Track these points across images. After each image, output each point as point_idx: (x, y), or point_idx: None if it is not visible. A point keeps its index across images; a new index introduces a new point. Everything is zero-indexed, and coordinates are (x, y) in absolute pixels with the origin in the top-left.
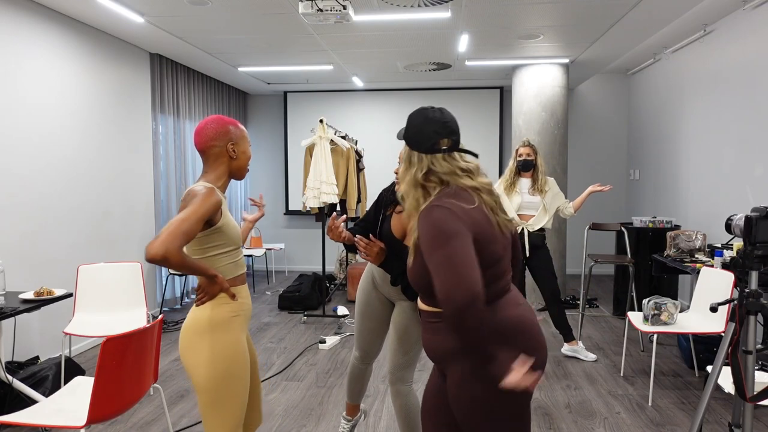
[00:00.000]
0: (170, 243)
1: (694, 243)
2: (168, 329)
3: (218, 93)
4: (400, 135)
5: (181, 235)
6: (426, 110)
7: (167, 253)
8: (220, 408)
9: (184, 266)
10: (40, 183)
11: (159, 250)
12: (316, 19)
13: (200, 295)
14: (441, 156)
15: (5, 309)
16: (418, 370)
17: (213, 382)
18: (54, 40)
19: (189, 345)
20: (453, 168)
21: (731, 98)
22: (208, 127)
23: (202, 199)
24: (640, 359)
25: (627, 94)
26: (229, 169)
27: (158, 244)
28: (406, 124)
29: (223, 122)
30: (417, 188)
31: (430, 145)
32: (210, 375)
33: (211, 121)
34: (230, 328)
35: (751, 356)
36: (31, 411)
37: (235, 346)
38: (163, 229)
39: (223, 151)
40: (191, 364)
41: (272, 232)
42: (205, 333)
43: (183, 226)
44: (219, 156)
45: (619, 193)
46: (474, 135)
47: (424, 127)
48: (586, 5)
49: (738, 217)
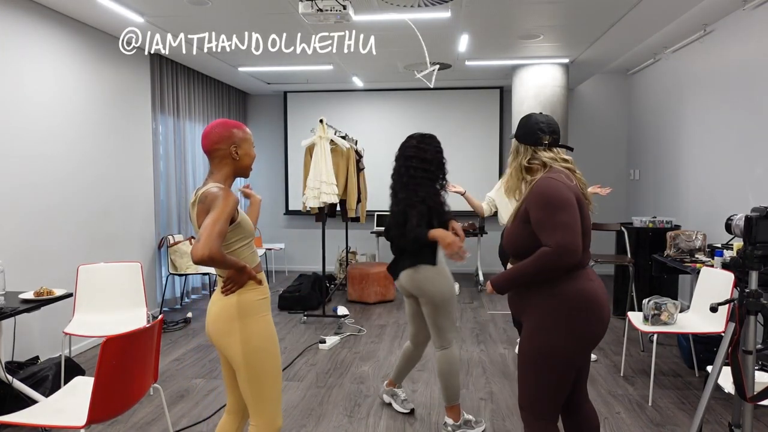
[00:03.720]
0: (212, 244)
1: (694, 243)
2: (168, 329)
3: (218, 93)
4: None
5: (217, 235)
6: (533, 114)
7: (212, 254)
8: (261, 382)
9: (225, 263)
10: (40, 183)
11: (205, 252)
12: (316, 19)
13: (229, 285)
14: (543, 148)
15: (5, 309)
16: (418, 370)
17: (250, 359)
18: (54, 40)
19: (223, 330)
20: (555, 156)
21: (731, 98)
22: (213, 131)
23: (225, 200)
24: (640, 359)
25: (627, 94)
26: (234, 170)
27: (202, 247)
28: (519, 125)
29: (227, 126)
30: (521, 172)
31: (534, 139)
32: (246, 353)
33: (216, 125)
34: (259, 310)
35: (751, 356)
36: (31, 411)
37: (266, 326)
38: (201, 233)
39: (227, 153)
40: (227, 346)
41: (272, 232)
42: (236, 317)
43: (217, 227)
44: (223, 158)
45: (619, 193)
46: (474, 135)
47: (530, 126)
48: (586, 5)
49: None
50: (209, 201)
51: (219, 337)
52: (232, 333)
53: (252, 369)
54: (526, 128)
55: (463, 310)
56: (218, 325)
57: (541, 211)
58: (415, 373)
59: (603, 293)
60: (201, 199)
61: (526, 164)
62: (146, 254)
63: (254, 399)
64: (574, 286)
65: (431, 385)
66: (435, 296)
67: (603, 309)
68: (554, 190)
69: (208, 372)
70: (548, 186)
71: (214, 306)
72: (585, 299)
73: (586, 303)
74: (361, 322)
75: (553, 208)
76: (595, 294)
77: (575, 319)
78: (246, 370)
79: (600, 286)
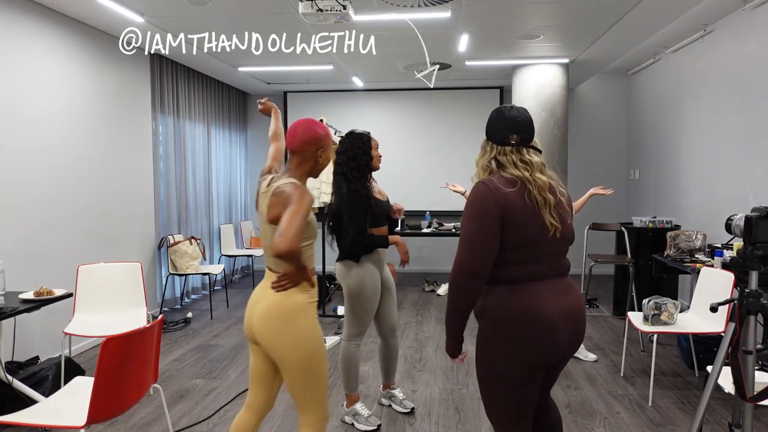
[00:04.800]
0: (295, 239)
1: (694, 243)
2: (168, 329)
3: (218, 93)
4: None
5: (298, 231)
6: (503, 108)
7: (294, 248)
8: (313, 383)
9: (300, 260)
10: (40, 183)
11: (289, 246)
12: (316, 19)
13: (284, 282)
14: (509, 148)
15: (5, 309)
16: (418, 370)
17: (303, 361)
18: (54, 40)
19: (275, 330)
20: (515, 159)
21: (731, 98)
22: (305, 132)
23: (303, 197)
24: (640, 359)
25: (627, 94)
26: (312, 170)
27: (287, 242)
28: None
29: (320, 128)
30: (485, 172)
31: (501, 138)
32: (300, 355)
33: (307, 127)
34: (310, 312)
35: (751, 356)
36: (31, 411)
37: (317, 328)
38: (283, 229)
39: (313, 155)
40: (278, 347)
41: None
42: (290, 318)
43: (297, 223)
44: (308, 159)
45: (619, 193)
46: (474, 135)
47: (498, 123)
48: (586, 5)
49: (738, 217)
50: (285, 196)
51: (269, 336)
52: (286, 334)
53: (308, 371)
54: (494, 124)
55: None
56: (268, 322)
57: (462, 219)
58: (415, 373)
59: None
60: (276, 193)
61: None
62: (146, 254)
63: (308, 398)
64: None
65: (431, 385)
66: (346, 289)
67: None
68: (475, 198)
69: (208, 372)
70: (473, 193)
71: (263, 302)
72: (521, 315)
73: (521, 320)
74: None
75: (466, 219)
76: (536, 310)
77: (508, 337)
78: (302, 371)
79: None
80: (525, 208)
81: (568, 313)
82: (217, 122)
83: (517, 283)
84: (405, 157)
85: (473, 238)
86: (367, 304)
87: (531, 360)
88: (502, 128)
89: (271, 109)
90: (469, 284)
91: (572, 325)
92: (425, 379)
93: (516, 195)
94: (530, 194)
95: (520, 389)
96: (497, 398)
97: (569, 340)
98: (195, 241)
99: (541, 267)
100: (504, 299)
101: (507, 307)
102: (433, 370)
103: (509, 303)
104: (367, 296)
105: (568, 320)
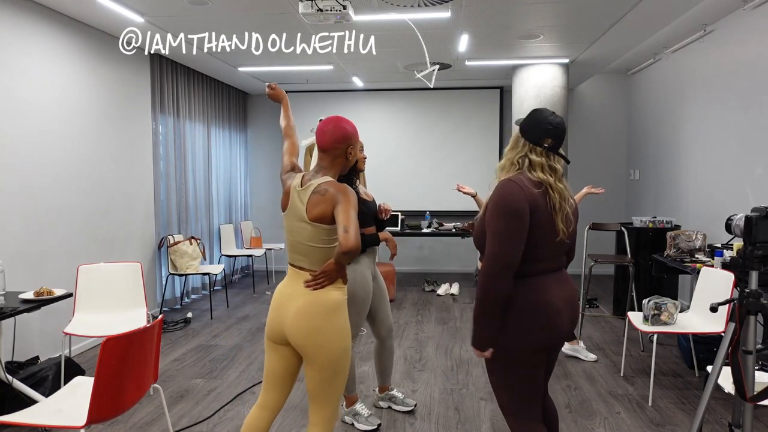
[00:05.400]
0: (358, 236)
1: (694, 243)
2: (168, 329)
3: (218, 93)
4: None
5: (357, 228)
6: (545, 111)
7: (359, 245)
8: (337, 380)
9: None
10: (40, 183)
11: (356, 242)
12: (316, 18)
13: (322, 279)
14: (540, 150)
15: (5, 309)
16: (418, 370)
17: (337, 358)
18: (54, 40)
19: (312, 327)
20: (543, 162)
21: (731, 98)
22: (336, 130)
23: (350, 197)
24: (640, 359)
25: (627, 94)
26: (343, 168)
27: (354, 238)
28: (527, 116)
29: (349, 126)
30: (513, 166)
31: (536, 138)
32: (336, 351)
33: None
34: (344, 309)
35: (751, 356)
36: (31, 411)
37: (349, 325)
38: (347, 227)
39: (343, 152)
40: (313, 344)
41: (272, 232)
42: (332, 314)
43: (355, 220)
44: (338, 156)
45: (619, 193)
46: (474, 135)
47: (537, 123)
48: (586, 5)
49: (738, 217)
50: (331, 195)
51: (305, 334)
52: (324, 332)
53: (338, 367)
54: (532, 123)
55: (463, 310)
56: (306, 321)
57: (490, 215)
58: (415, 373)
59: (558, 299)
60: (320, 191)
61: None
62: (146, 254)
63: (327, 395)
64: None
65: (431, 385)
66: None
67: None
68: (506, 195)
69: (208, 372)
70: (503, 189)
71: (298, 301)
72: (532, 306)
73: (532, 310)
74: None
75: (497, 215)
76: (545, 301)
77: (521, 325)
78: (329, 369)
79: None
80: (545, 211)
81: (568, 301)
82: (217, 122)
83: (525, 277)
84: (405, 157)
85: (508, 233)
86: (360, 305)
87: (539, 343)
88: (540, 130)
89: (280, 96)
90: (503, 276)
91: (571, 312)
92: (425, 379)
93: (540, 197)
94: (551, 199)
95: (532, 371)
96: (511, 386)
97: (568, 325)
98: (195, 241)
99: (545, 263)
100: (514, 291)
101: (517, 298)
102: (433, 370)
103: (519, 294)
104: (360, 298)
105: (569, 307)
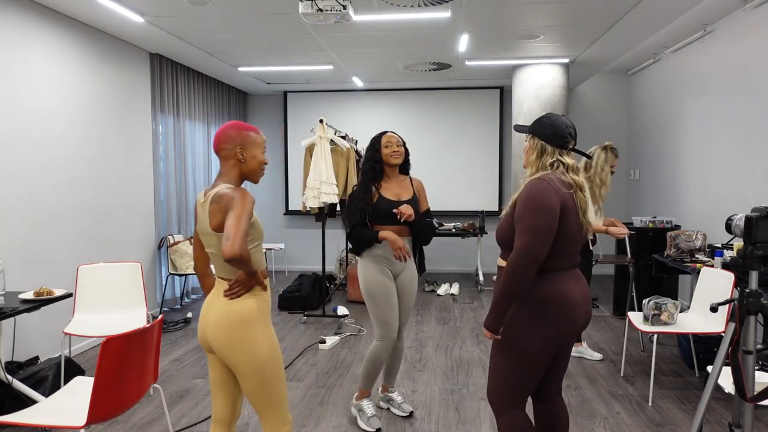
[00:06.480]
0: (242, 243)
1: (694, 243)
2: (168, 329)
3: (218, 93)
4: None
5: (243, 234)
6: (561, 117)
7: (242, 252)
8: (269, 389)
9: (249, 263)
10: (40, 183)
11: (238, 250)
12: (316, 18)
13: (237, 288)
14: (566, 152)
15: (5, 309)
16: (418, 370)
17: (261, 366)
18: (54, 40)
19: (228, 338)
20: (574, 164)
21: (731, 98)
22: (222, 131)
23: (243, 199)
24: (640, 359)
25: (627, 94)
26: (241, 173)
27: (236, 246)
28: (536, 123)
29: (236, 127)
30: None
31: (563, 142)
32: (257, 359)
33: (226, 126)
34: (264, 317)
35: (751, 356)
36: (31, 411)
37: (271, 332)
38: (230, 233)
39: (233, 154)
40: (232, 355)
41: (272, 232)
42: (242, 325)
43: (242, 227)
44: (228, 158)
45: (619, 193)
46: (474, 135)
47: (560, 129)
48: (586, 5)
49: (738, 217)
50: (225, 201)
51: (223, 344)
52: (239, 341)
53: (262, 377)
54: (555, 129)
55: (463, 310)
56: (222, 332)
57: (522, 211)
58: (415, 373)
59: (577, 294)
60: (215, 200)
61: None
62: (146, 254)
63: (265, 404)
64: (543, 287)
65: (431, 385)
66: (361, 287)
67: (572, 309)
68: (539, 192)
69: (207, 372)
70: (536, 188)
71: (214, 310)
72: (552, 299)
73: (552, 303)
74: (361, 322)
75: (529, 212)
76: (565, 295)
77: (539, 317)
78: (256, 378)
79: (574, 288)
80: (573, 210)
81: (584, 296)
82: (217, 122)
83: (547, 272)
84: None
85: (541, 228)
86: (379, 300)
87: (555, 336)
88: (566, 135)
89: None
90: (530, 268)
91: (586, 306)
92: (425, 379)
93: (570, 197)
94: (579, 200)
95: (537, 362)
96: (511, 377)
97: (584, 320)
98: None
99: (566, 260)
100: (536, 285)
101: (538, 291)
102: (433, 370)
103: (541, 287)
104: (376, 292)
105: (584, 303)
